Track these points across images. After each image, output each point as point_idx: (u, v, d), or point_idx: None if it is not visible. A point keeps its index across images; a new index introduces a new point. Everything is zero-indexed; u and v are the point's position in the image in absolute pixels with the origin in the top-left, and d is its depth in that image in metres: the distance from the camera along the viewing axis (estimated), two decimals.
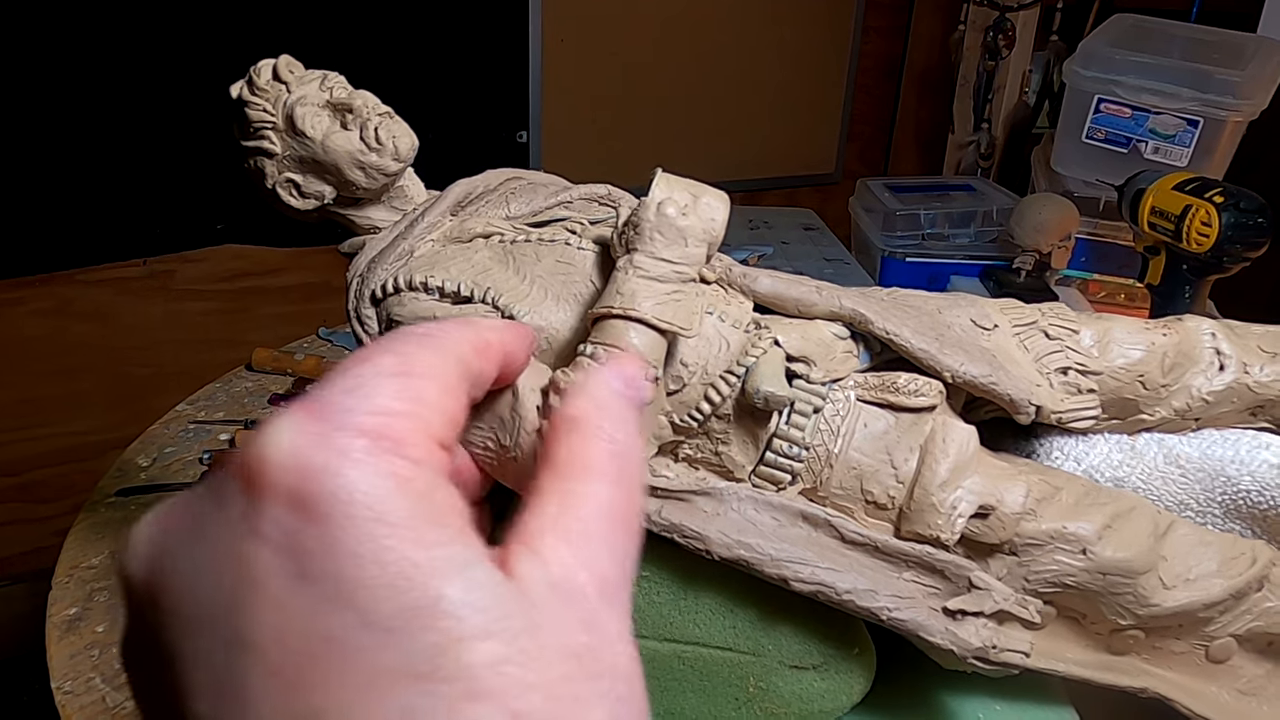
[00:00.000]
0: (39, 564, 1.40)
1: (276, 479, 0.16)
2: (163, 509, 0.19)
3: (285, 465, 0.17)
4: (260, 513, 0.16)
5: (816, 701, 0.44)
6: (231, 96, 0.44)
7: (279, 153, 0.44)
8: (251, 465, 0.17)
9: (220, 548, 0.17)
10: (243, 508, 0.17)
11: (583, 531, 0.19)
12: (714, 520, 0.41)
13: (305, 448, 0.17)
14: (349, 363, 0.19)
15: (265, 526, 0.16)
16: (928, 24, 2.02)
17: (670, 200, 0.38)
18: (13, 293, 1.34)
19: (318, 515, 0.16)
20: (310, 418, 0.17)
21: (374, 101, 0.44)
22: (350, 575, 0.16)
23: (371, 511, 0.16)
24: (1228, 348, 0.47)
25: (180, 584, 0.17)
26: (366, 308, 0.43)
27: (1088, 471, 0.46)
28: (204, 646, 0.16)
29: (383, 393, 0.18)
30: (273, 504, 0.16)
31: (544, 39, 1.61)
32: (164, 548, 0.18)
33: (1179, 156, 1.06)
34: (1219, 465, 0.46)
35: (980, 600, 0.40)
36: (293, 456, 0.17)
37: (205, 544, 0.17)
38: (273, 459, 0.17)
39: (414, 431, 0.18)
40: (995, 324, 0.46)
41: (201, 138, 1.36)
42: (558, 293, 0.42)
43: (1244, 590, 0.42)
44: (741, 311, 0.43)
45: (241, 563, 0.16)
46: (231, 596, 0.16)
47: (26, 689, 1.35)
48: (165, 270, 1.44)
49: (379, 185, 0.45)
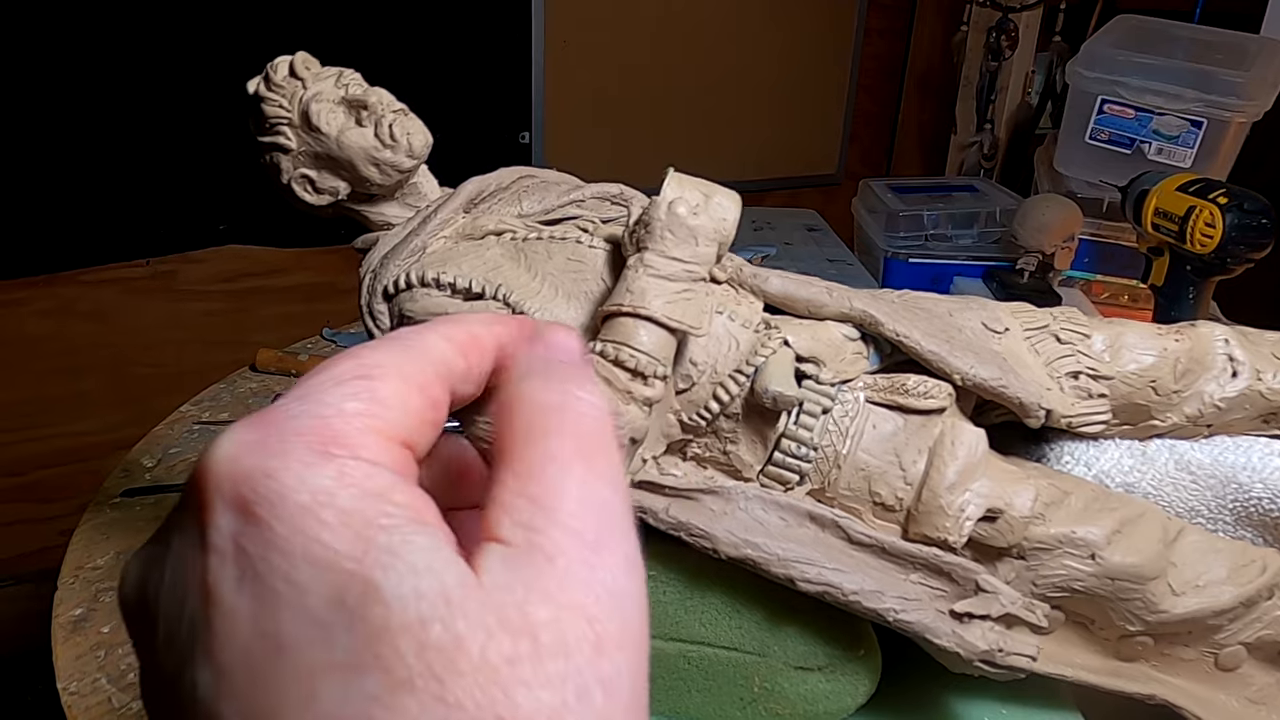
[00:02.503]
0: (44, 564, 1.40)
1: (218, 487, 0.17)
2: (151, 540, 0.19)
3: (224, 473, 0.17)
4: (207, 522, 0.16)
5: (821, 703, 0.44)
6: (248, 92, 0.44)
7: (294, 148, 0.44)
8: (197, 477, 0.17)
9: (182, 564, 0.17)
10: (194, 520, 0.17)
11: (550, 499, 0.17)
12: (721, 519, 0.41)
13: (243, 454, 0.17)
14: (310, 372, 0.19)
15: (212, 536, 0.16)
16: (930, 25, 2.02)
17: (682, 199, 0.39)
18: (16, 293, 1.34)
19: (255, 517, 0.16)
20: (251, 427, 0.17)
21: (389, 98, 0.44)
22: (284, 572, 0.16)
23: (303, 508, 0.16)
24: (1241, 354, 0.47)
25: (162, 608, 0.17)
26: (379, 303, 0.44)
27: (1098, 476, 0.46)
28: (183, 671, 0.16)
29: (333, 395, 0.18)
30: (217, 512, 0.16)
31: (546, 40, 1.61)
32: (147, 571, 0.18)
33: (1182, 157, 1.06)
34: (1230, 472, 0.46)
35: (987, 603, 0.40)
36: (230, 463, 0.17)
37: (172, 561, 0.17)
38: (212, 469, 0.17)
39: (365, 432, 0.18)
40: (1006, 327, 0.46)
41: (205, 138, 1.36)
42: (569, 290, 0.42)
43: (1254, 598, 0.41)
44: (752, 311, 0.43)
45: (197, 576, 0.16)
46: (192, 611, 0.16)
47: (31, 689, 1.35)
48: (168, 271, 1.44)
49: (393, 181, 0.45)
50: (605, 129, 1.75)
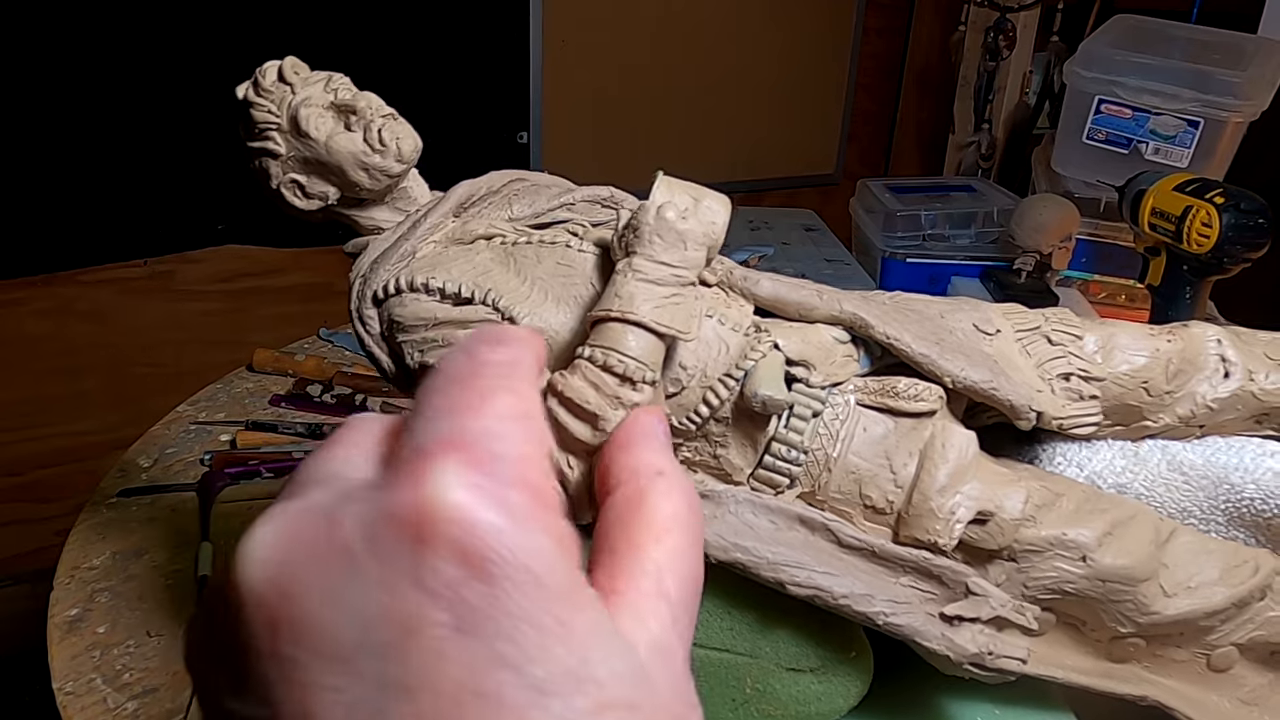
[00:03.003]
0: (40, 564, 1.40)
1: (443, 532, 0.17)
2: (278, 524, 0.18)
3: (453, 519, 0.17)
4: (423, 563, 0.17)
5: (813, 704, 0.44)
6: (238, 97, 0.44)
7: (283, 153, 0.44)
8: (417, 514, 0.17)
9: (376, 590, 0.17)
10: (408, 555, 0.17)
11: (682, 598, 0.20)
12: (711, 523, 0.41)
13: (472, 503, 0.17)
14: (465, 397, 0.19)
15: (428, 578, 0.17)
16: (928, 24, 2.02)
17: (670, 204, 0.38)
18: (14, 293, 1.34)
19: (485, 574, 0.17)
20: (471, 469, 0.18)
21: (378, 103, 0.44)
22: (510, 636, 0.16)
23: (531, 574, 0.17)
24: (1233, 355, 0.47)
25: (316, 613, 0.17)
26: (369, 308, 0.43)
27: (1090, 478, 0.46)
28: (339, 682, 0.17)
29: (516, 437, 0.19)
30: (437, 557, 0.17)
31: (545, 40, 1.61)
32: (291, 569, 0.18)
33: (1179, 157, 1.06)
34: (1223, 473, 0.45)
35: (977, 606, 0.40)
36: (460, 511, 0.17)
37: (356, 582, 0.17)
38: (440, 513, 0.17)
39: (545, 477, 0.19)
40: (998, 329, 0.46)
41: (202, 138, 1.36)
42: (558, 294, 0.42)
43: (1246, 599, 0.41)
44: (742, 315, 0.43)
45: (400, 608, 0.17)
46: (384, 638, 0.17)
47: (28, 689, 1.35)
48: (166, 271, 1.44)
49: (382, 186, 0.45)
50: (603, 129, 1.75)
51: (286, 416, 0.85)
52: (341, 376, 0.90)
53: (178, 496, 0.73)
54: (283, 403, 0.87)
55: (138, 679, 0.55)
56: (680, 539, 0.21)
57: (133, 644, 0.58)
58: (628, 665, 0.17)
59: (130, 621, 0.60)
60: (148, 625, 0.60)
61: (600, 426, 0.35)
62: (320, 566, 0.18)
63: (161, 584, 0.63)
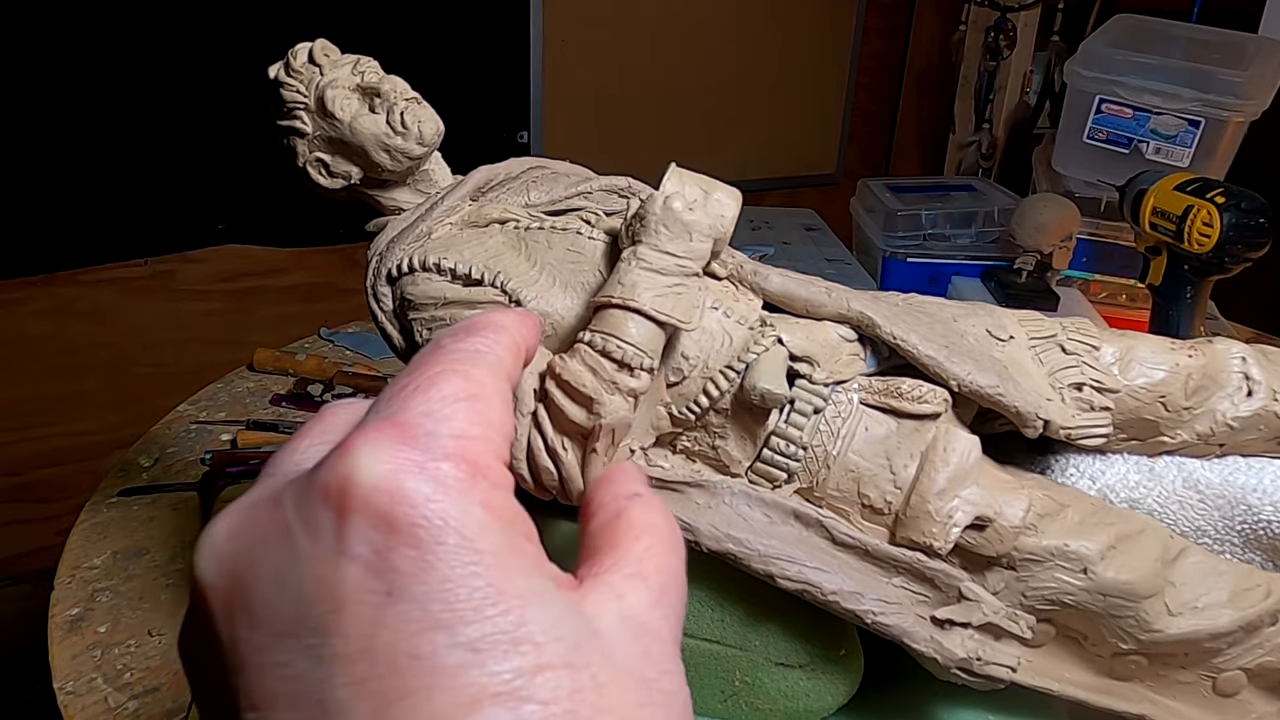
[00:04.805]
0: (41, 564, 1.40)
1: (369, 500, 0.17)
2: (234, 516, 0.19)
3: (378, 488, 0.17)
4: (351, 532, 0.17)
5: (801, 700, 0.44)
6: (269, 77, 0.46)
7: (310, 133, 0.45)
8: (341, 485, 0.17)
9: (308, 563, 0.17)
10: (331, 526, 0.17)
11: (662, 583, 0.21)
12: (705, 513, 0.40)
13: (397, 472, 0.17)
14: (415, 381, 0.20)
15: (354, 546, 0.17)
16: (929, 24, 2.02)
17: (679, 195, 0.39)
18: (14, 293, 1.34)
19: (413, 539, 0.17)
20: (399, 442, 0.18)
21: (402, 86, 0.46)
22: (441, 598, 0.17)
23: (463, 538, 0.17)
24: (1258, 373, 0.45)
25: (262, 594, 0.18)
26: (383, 285, 0.44)
27: (1103, 490, 0.45)
28: (286, 658, 0.17)
29: (459, 417, 0.19)
30: (363, 525, 0.17)
31: (545, 39, 1.61)
32: (242, 556, 0.18)
33: (1180, 157, 1.06)
34: (1240, 493, 0.44)
35: (969, 611, 0.39)
36: (384, 479, 0.17)
37: (291, 558, 0.18)
38: (365, 481, 0.17)
39: (488, 454, 0.19)
40: (1011, 335, 0.45)
41: (203, 138, 1.36)
42: (566, 280, 0.42)
43: (1255, 623, 0.40)
44: (749, 308, 0.43)
45: (330, 578, 0.17)
46: (319, 610, 0.17)
47: (29, 689, 1.35)
48: (166, 270, 1.44)
49: (403, 168, 0.46)
50: (604, 128, 1.75)
51: (287, 416, 0.85)
52: (342, 376, 0.90)
53: (179, 496, 0.73)
54: (283, 402, 0.87)
55: (139, 678, 0.55)
56: (658, 541, 0.21)
57: (133, 643, 0.58)
58: (572, 629, 0.18)
59: (131, 621, 0.60)
60: (148, 625, 0.60)
61: (595, 410, 0.36)
62: (265, 549, 0.18)
63: (162, 584, 0.63)
